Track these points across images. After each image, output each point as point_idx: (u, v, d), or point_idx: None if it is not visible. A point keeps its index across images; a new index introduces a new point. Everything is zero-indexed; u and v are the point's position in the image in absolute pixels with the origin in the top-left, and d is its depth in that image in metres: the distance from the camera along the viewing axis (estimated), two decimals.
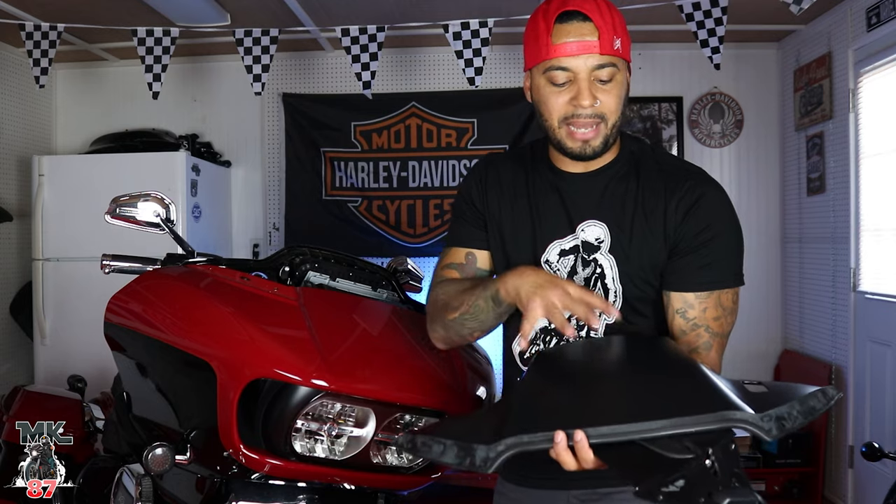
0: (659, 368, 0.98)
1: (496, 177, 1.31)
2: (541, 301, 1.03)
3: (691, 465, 0.78)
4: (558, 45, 1.12)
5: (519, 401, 0.97)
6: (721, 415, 0.83)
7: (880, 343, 3.05)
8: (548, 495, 1.25)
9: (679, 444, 0.80)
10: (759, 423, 0.85)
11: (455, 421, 1.10)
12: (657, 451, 0.81)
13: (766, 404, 0.87)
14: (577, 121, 1.14)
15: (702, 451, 0.78)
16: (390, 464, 1.40)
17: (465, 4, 3.27)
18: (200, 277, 1.56)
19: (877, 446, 2.10)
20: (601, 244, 1.19)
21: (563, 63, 1.12)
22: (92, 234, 3.28)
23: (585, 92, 1.12)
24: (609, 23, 1.12)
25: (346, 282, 1.69)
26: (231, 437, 1.29)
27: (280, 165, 4.19)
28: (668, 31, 3.65)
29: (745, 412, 0.84)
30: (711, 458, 0.78)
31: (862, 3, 3.09)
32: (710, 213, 1.16)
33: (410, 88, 4.13)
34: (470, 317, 1.17)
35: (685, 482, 0.77)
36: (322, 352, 1.33)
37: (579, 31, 1.11)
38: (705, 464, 0.78)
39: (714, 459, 0.78)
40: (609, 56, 1.12)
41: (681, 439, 0.81)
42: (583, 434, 0.86)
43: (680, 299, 1.16)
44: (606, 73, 1.13)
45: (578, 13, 1.12)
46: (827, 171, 3.46)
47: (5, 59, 3.82)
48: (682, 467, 0.78)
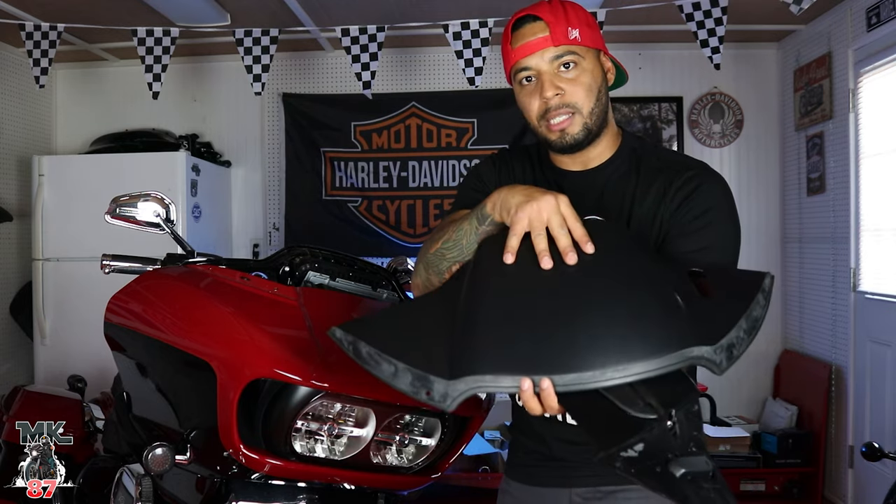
0: (620, 294, 0.90)
1: (509, 169, 1.34)
2: (531, 213, 0.95)
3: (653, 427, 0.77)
4: (516, 48, 1.19)
5: (474, 327, 0.89)
6: (680, 355, 0.81)
7: (880, 343, 3.05)
8: (551, 493, 1.26)
9: (643, 400, 0.79)
10: (712, 358, 0.83)
11: (392, 325, 0.99)
12: (621, 407, 0.79)
13: (713, 325, 0.85)
14: (550, 114, 1.19)
15: (664, 412, 0.77)
16: (390, 464, 1.40)
17: (465, 4, 3.27)
18: (200, 277, 1.56)
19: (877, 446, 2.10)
20: None
21: (524, 63, 1.19)
22: (92, 234, 3.28)
23: (546, 84, 1.18)
24: (561, 17, 1.18)
25: (346, 282, 1.69)
26: (231, 437, 1.29)
27: (280, 165, 4.19)
28: (668, 31, 3.65)
29: (700, 349, 0.82)
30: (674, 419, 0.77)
31: (862, 3, 3.09)
32: (707, 200, 1.16)
33: (410, 88, 4.13)
34: (452, 244, 1.12)
35: (644, 446, 0.76)
36: (322, 352, 1.33)
37: (532, 31, 1.18)
38: (666, 426, 0.76)
39: (675, 421, 0.77)
40: (564, 46, 1.17)
41: (645, 396, 0.79)
42: (549, 382, 0.83)
43: None
44: (566, 61, 1.18)
45: (529, 16, 1.19)
46: (827, 171, 3.46)
47: (5, 59, 3.82)
48: (644, 430, 0.77)
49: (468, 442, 1.52)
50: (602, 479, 1.21)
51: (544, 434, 1.26)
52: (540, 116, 1.20)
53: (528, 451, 1.30)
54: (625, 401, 0.79)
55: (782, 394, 3.83)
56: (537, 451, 1.28)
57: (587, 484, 1.23)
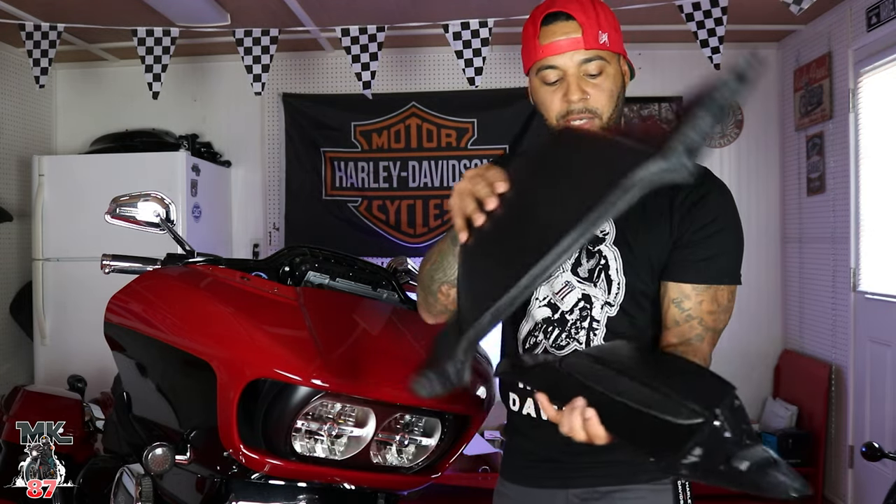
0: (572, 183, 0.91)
1: None
2: (453, 199, 1.02)
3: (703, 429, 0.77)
4: (545, 45, 1.17)
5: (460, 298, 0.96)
6: (624, 184, 0.78)
7: (880, 343, 3.05)
8: (547, 494, 1.26)
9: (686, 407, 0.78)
10: (666, 167, 0.76)
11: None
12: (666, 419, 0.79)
13: (666, 135, 0.77)
14: (571, 116, 1.18)
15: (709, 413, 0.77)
16: (390, 464, 1.40)
17: (465, 4, 3.27)
18: (200, 277, 1.56)
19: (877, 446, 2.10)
20: (606, 236, 1.20)
21: (551, 62, 1.18)
22: (92, 234, 3.28)
23: (574, 87, 1.17)
24: (593, 19, 1.17)
25: (346, 282, 1.69)
26: (231, 437, 1.29)
27: (280, 165, 4.19)
28: (668, 31, 3.65)
29: (644, 166, 0.77)
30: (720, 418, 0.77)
31: (862, 3, 3.09)
32: (715, 209, 1.17)
33: (410, 88, 4.13)
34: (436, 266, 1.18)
35: (702, 450, 0.76)
36: (322, 352, 1.33)
37: (563, 30, 1.16)
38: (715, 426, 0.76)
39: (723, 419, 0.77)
40: (595, 50, 1.16)
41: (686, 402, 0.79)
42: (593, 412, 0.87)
43: (676, 289, 1.16)
44: (594, 66, 1.17)
45: (562, 13, 1.17)
46: (827, 171, 3.46)
47: (5, 59, 3.82)
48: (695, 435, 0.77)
49: (468, 442, 1.52)
50: (599, 480, 1.21)
51: (539, 436, 1.26)
52: (559, 116, 1.19)
53: (523, 453, 1.29)
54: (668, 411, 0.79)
55: (782, 394, 3.83)
56: (533, 452, 1.28)
57: (584, 484, 1.22)
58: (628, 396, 0.82)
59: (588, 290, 1.20)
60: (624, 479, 1.20)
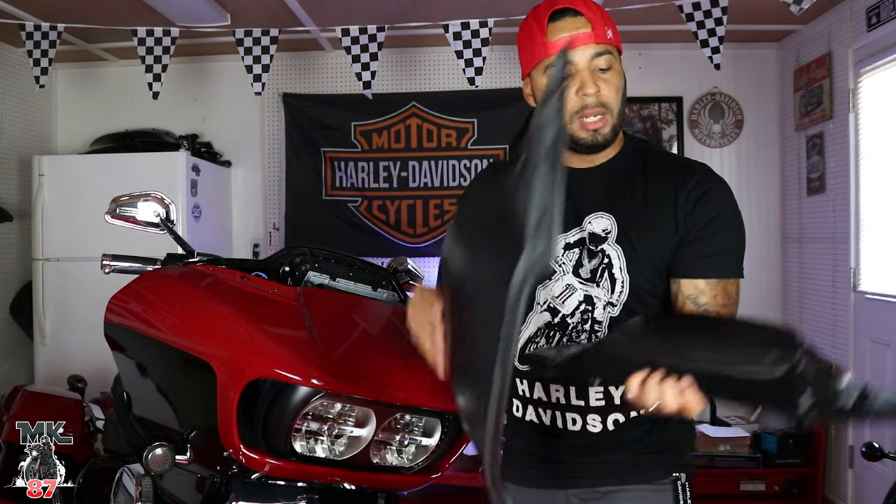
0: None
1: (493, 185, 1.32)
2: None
3: (796, 371, 0.78)
4: (555, 41, 1.16)
5: None
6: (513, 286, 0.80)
7: (880, 343, 3.05)
8: (547, 494, 1.26)
9: (763, 365, 0.79)
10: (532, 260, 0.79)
11: None
12: (756, 378, 0.79)
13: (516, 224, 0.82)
14: (586, 111, 1.17)
15: (789, 354, 0.78)
16: (390, 464, 1.40)
17: (465, 4, 3.27)
18: (200, 277, 1.56)
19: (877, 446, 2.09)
20: (608, 235, 1.20)
21: None
22: (92, 234, 3.28)
23: (589, 80, 1.16)
24: (599, 15, 1.18)
25: (346, 282, 1.69)
26: (231, 437, 1.29)
27: (280, 165, 4.19)
28: (668, 31, 3.65)
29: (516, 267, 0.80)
30: (799, 355, 0.78)
31: (862, 3, 3.09)
32: (718, 204, 1.18)
33: (410, 88, 4.13)
34: None
35: (811, 392, 0.77)
36: (322, 352, 1.33)
37: (573, 25, 1.16)
38: (802, 363, 0.78)
39: (801, 354, 0.78)
40: (604, 45, 1.17)
41: (759, 359, 0.80)
42: (691, 378, 0.86)
43: (691, 286, 1.17)
44: (604, 61, 1.17)
45: (568, 10, 1.17)
46: (827, 171, 3.46)
47: (5, 59, 3.82)
48: (796, 379, 0.78)
49: (468, 442, 1.52)
50: (599, 480, 1.21)
51: (539, 436, 1.26)
52: (573, 113, 1.18)
53: (522, 453, 1.29)
54: (753, 365, 0.80)
55: None
56: (532, 453, 1.28)
57: (584, 485, 1.23)
58: (704, 363, 0.83)
59: (590, 291, 1.20)
60: (624, 479, 1.21)
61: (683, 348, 0.86)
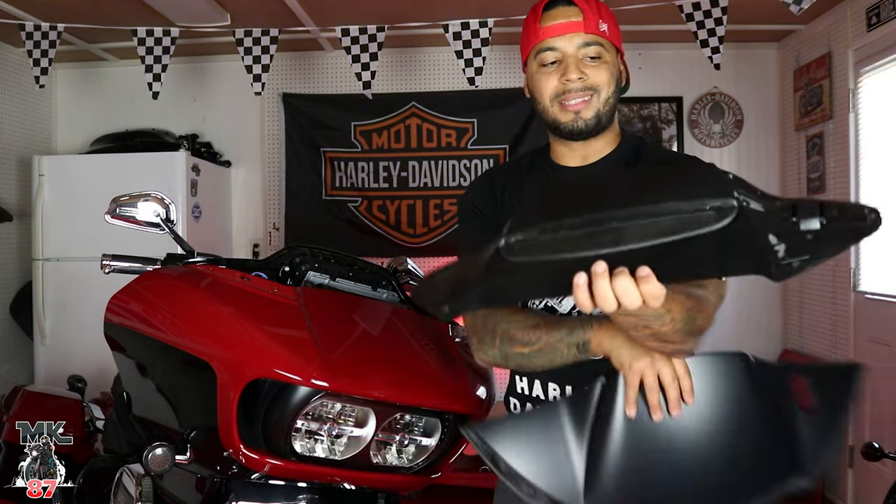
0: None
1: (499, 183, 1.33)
2: (647, 371, 1.00)
3: (747, 213, 0.70)
4: (545, 27, 1.20)
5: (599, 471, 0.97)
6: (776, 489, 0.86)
7: (880, 343, 3.05)
8: None
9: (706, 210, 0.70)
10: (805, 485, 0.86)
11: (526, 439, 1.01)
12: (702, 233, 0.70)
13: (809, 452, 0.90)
14: (568, 96, 1.19)
15: (733, 199, 0.70)
16: (390, 464, 1.40)
17: (465, 4, 3.27)
18: (200, 277, 1.56)
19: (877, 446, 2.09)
20: None
21: (551, 43, 1.20)
22: (92, 234, 3.28)
23: (572, 66, 1.18)
24: (594, 8, 1.20)
25: (346, 282, 1.69)
26: (231, 437, 1.29)
27: (280, 165, 4.19)
28: (668, 31, 3.65)
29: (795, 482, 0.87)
30: (742, 199, 0.70)
31: (862, 3, 3.09)
32: None
33: (410, 88, 4.13)
34: (544, 355, 1.13)
35: (774, 232, 0.70)
36: (322, 352, 1.33)
37: (564, 14, 1.19)
38: (749, 203, 0.70)
39: (744, 198, 0.71)
40: (594, 35, 1.19)
41: (701, 205, 0.71)
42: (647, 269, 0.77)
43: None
44: (593, 50, 1.19)
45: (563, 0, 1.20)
46: (827, 171, 3.46)
47: (5, 59, 3.82)
48: (753, 225, 0.70)
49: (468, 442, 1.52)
50: None
51: None
52: (554, 97, 1.20)
53: None
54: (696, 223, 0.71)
55: None
56: None
57: None
58: (645, 236, 0.72)
59: None
60: None
61: (611, 228, 0.73)
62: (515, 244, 0.76)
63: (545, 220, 0.76)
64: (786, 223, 0.69)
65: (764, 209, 0.70)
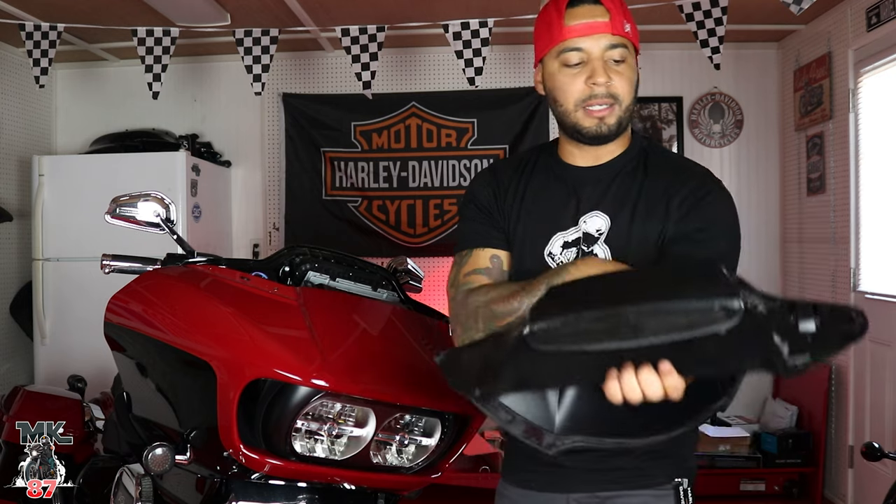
0: None
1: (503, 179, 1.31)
2: None
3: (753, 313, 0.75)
4: (571, 26, 1.15)
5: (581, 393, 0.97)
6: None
7: (880, 343, 3.05)
8: (548, 498, 1.25)
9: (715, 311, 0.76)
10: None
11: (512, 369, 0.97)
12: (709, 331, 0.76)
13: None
14: (593, 101, 1.16)
15: (738, 301, 0.76)
16: (390, 464, 1.40)
17: (465, 4, 3.27)
18: (200, 277, 1.56)
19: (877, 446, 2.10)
20: (600, 235, 1.19)
21: (577, 43, 1.16)
22: (92, 234, 3.28)
23: (600, 70, 1.15)
24: (619, 7, 1.17)
25: (346, 282, 1.68)
26: (231, 437, 1.29)
27: (280, 165, 4.19)
28: (668, 31, 3.65)
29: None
30: (748, 300, 0.76)
31: (862, 3, 3.09)
32: (713, 212, 1.16)
33: (410, 88, 4.13)
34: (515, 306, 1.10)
35: (776, 331, 0.75)
36: (322, 352, 1.33)
37: (591, 13, 1.15)
38: (756, 304, 0.76)
39: (750, 299, 0.76)
40: (620, 37, 1.16)
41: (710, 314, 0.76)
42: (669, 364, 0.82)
43: None
44: (618, 53, 1.16)
45: None
46: (827, 171, 3.46)
47: (5, 59, 3.82)
48: (758, 325, 0.75)
49: (468, 442, 1.52)
50: (599, 486, 1.21)
51: None
52: (579, 101, 1.17)
53: (524, 456, 1.29)
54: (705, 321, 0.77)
55: (782, 394, 3.83)
56: (533, 456, 1.27)
57: (585, 490, 1.22)
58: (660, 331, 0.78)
59: None
60: (625, 484, 1.20)
61: (628, 323, 0.79)
62: (539, 332, 0.83)
63: (564, 310, 0.83)
64: (786, 323, 0.75)
65: (767, 309, 0.76)
